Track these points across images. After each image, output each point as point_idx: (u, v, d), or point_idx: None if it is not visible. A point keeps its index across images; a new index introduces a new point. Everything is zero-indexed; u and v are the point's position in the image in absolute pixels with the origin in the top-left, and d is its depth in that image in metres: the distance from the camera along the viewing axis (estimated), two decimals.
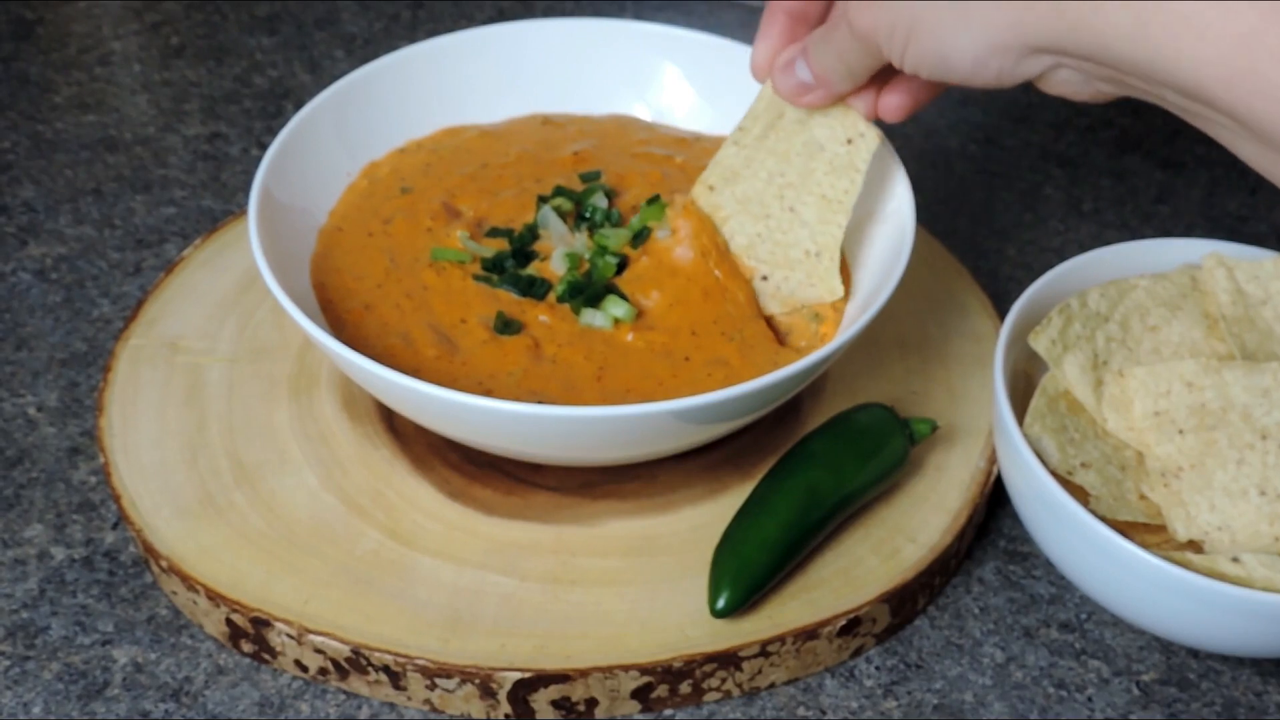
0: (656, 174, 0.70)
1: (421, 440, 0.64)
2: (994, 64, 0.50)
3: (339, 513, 0.61)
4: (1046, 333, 0.60)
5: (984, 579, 0.63)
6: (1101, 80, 0.50)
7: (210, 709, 0.56)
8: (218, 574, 0.58)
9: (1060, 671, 0.59)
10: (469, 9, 0.99)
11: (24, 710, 0.56)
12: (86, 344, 0.72)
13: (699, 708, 0.57)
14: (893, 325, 0.70)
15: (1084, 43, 0.47)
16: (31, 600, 0.60)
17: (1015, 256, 0.80)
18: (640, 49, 0.75)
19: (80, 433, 0.67)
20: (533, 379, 0.60)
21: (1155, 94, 0.48)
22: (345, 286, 0.64)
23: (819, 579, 0.59)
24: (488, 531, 0.60)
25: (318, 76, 0.92)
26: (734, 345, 0.62)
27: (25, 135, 0.86)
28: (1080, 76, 0.50)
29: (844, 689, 0.58)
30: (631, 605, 0.58)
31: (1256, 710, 0.58)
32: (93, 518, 0.64)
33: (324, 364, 0.67)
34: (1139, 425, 0.59)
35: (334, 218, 0.68)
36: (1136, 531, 0.57)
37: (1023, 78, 0.51)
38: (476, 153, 0.72)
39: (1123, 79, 0.48)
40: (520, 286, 0.63)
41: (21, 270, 0.76)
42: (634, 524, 0.61)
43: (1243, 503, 0.57)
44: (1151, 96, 0.49)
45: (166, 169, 0.84)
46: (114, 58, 0.93)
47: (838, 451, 0.60)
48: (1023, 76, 0.51)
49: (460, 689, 0.56)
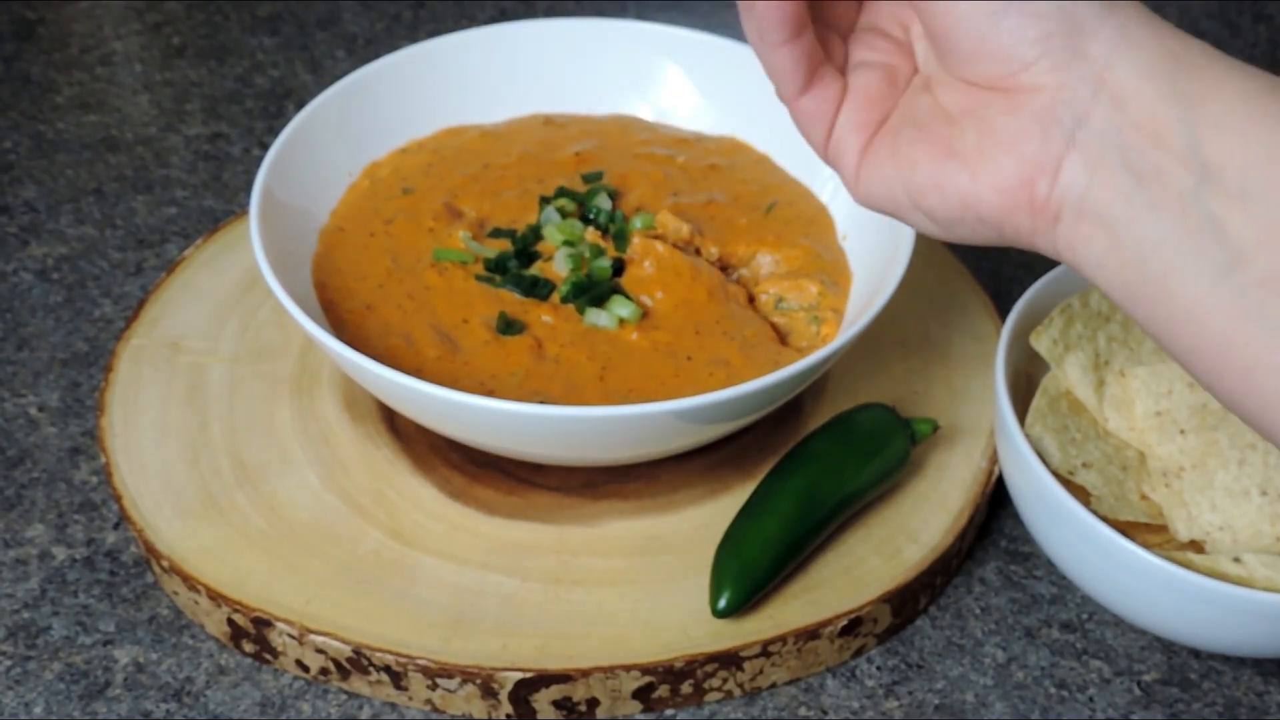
0: (659, 174, 0.70)
1: (423, 440, 0.64)
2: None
3: (340, 513, 0.61)
4: (1048, 333, 0.60)
5: (985, 579, 0.63)
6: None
7: (212, 709, 0.57)
8: (219, 574, 0.58)
9: (1061, 671, 0.59)
10: (470, 9, 0.99)
11: (25, 710, 0.56)
12: (88, 344, 0.72)
13: (700, 708, 0.57)
14: (894, 325, 0.70)
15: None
16: (33, 600, 0.60)
17: (1017, 256, 0.80)
18: (642, 49, 0.75)
19: (81, 433, 0.67)
20: (535, 379, 0.60)
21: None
22: (347, 287, 0.64)
23: (820, 579, 0.59)
24: (489, 531, 0.60)
25: (319, 76, 0.92)
26: (735, 345, 0.62)
27: (27, 135, 0.86)
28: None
29: (845, 689, 0.58)
30: (633, 605, 0.58)
31: (1258, 710, 0.58)
32: (94, 518, 0.64)
33: (326, 364, 0.67)
34: (1140, 425, 0.59)
35: (335, 218, 0.68)
36: (1138, 531, 0.57)
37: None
38: (478, 153, 0.72)
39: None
40: (523, 287, 0.64)
41: (23, 270, 0.76)
42: (635, 524, 0.61)
43: (1244, 503, 0.57)
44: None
45: (168, 169, 0.84)
46: (115, 58, 0.93)
47: (839, 451, 0.60)
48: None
49: (462, 689, 0.56)
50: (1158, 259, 0.41)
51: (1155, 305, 0.42)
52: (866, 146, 0.47)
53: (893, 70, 0.48)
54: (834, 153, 0.48)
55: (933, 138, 0.45)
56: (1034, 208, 0.43)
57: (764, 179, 0.72)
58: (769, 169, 0.72)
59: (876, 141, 0.47)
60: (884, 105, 0.47)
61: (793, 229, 0.68)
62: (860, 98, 0.47)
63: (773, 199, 0.70)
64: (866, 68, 0.48)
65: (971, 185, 0.44)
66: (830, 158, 0.48)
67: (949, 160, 0.44)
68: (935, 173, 0.45)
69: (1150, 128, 0.41)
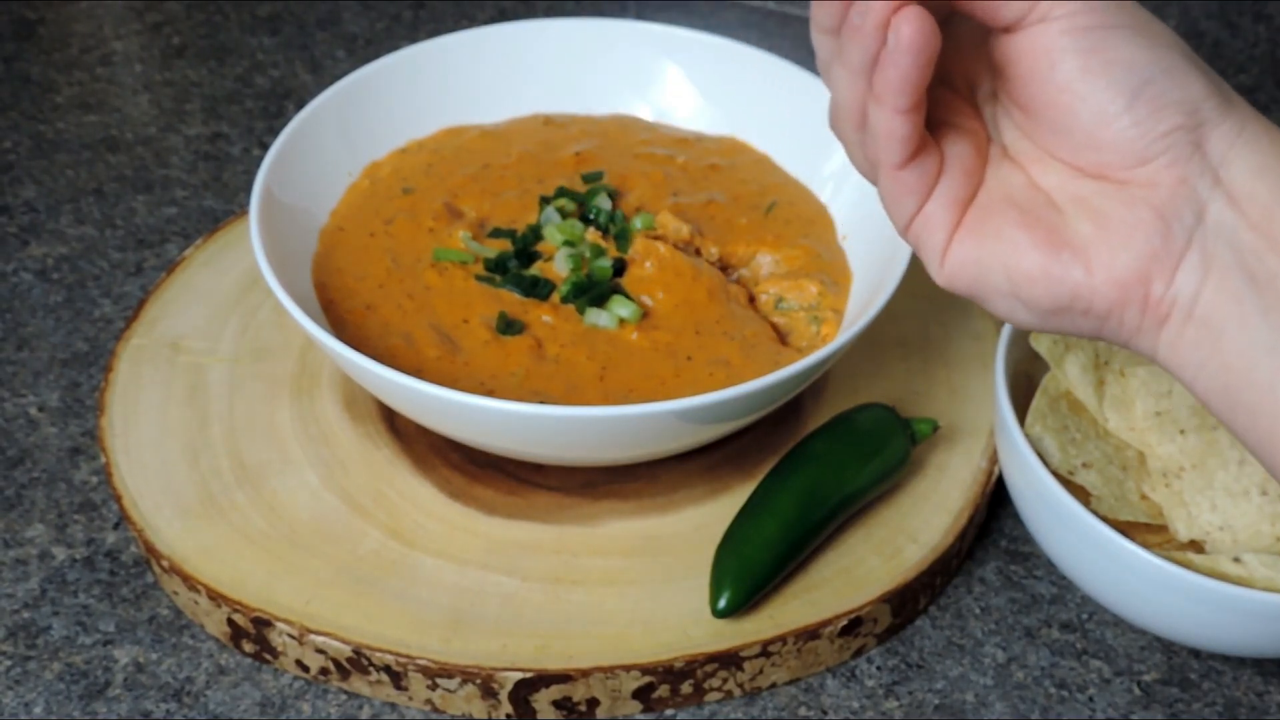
0: (659, 174, 0.70)
1: (423, 440, 0.64)
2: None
3: (340, 513, 0.61)
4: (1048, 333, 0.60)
5: (985, 579, 0.63)
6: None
7: (212, 709, 0.57)
8: (219, 574, 0.58)
9: (1061, 671, 0.59)
10: (470, 9, 0.99)
11: (25, 710, 0.56)
12: (88, 344, 0.72)
13: (700, 708, 0.57)
14: (894, 325, 0.70)
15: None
16: (33, 600, 0.60)
17: None
18: (642, 49, 0.75)
19: (81, 433, 0.67)
20: (535, 379, 0.60)
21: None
22: (347, 287, 0.64)
23: (820, 579, 0.59)
24: (489, 531, 0.61)
25: (319, 76, 0.92)
26: (736, 345, 0.62)
27: (27, 135, 0.86)
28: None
29: (845, 689, 0.58)
30: (633, 605, 0.58)
31: (1258, 710, 0.58)
32: (94, 518, 0.64)
33: (326, 364, 0.67)
34: (1140, 425, 0.59)
35: (335, 218, 0.68)
36: (1138, 531, 0.57)
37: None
38: (478, 153, 0.72)
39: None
40: (523, 287, 0.64)
41: (23, 270, 0.76)
42: (635, 524, 0.61)
43: (1244, 502, 0.57)
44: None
45: (168, 169, 0.84)
46: (115, 58, 0.93)
47: (839, 451, 0.60)
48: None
49: (462, 689, 0.56)
50: (1267, 367, 0.39)
51: (1257, 416, 0.40)
52: (957, 224, 0.43)
53: (977, 137, 0.44)
54: (921, 229, 0.44)
55: (1039, 223, 0.42)
56: (1146, 306, 0.41)
57: (764, 179, 0.72)
58: (769, 169, 0.72)
59: (968, 219, 0.43)
60: (975, 178, 0.43)
61: (793, 229, 0.68)
62: (957, 170, 0.43)
63: (773, 199, 0.70)
64: (954, 133, 0.43)
65: (1086, 279, 0.41)
66: (914, 234, 0.44)
67: (1060, 250, 0.41)
68: (1045, 262, 0.41)
69: (1267, 229, 0.39)
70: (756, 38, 0.94)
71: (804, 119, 0.71)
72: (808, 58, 0.99)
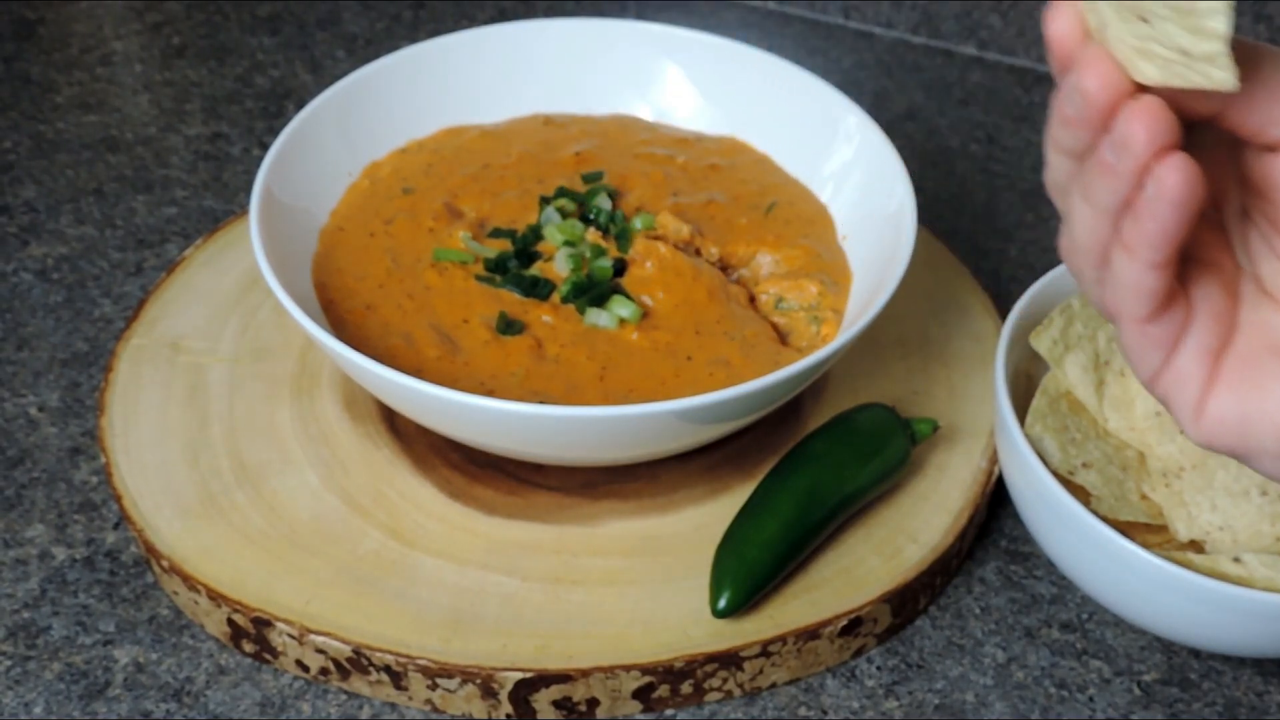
0: (659, 174, 0.70)
1: (423, 440, 0.64)
2: None
3: (340, 513, 0.61)
4: (1048, 333, 0.60)
5: (985, 579, 0.63)
6: None
7: (212, 709, 0.57)
8: (219, 574, 0.58)
9: (1061, 671, 0.59)
10: (470, 9, 0.99)
11: (25, 710, 0.56)
12: (88, 344, 0.72)
13: (700, 708, 0.57)
14: (894, 325, 0.70)
15: None
16: (33, 600, 0.60)
17: (1017, 256, 0.80)
18: (642, 49, 0.75)
19: (81, 433, 0.67)
20: (535, 379, 0.60)
21: None
22: (347, 287, 0.64)
23: (820, 579, 0.59)
24: (489, 531, 0.61)
25: (319, 76, 0.92)
26: (736, 345, 0.62)
27: (27, 135, 0.86)
28: None
29: (845, 689, 0.58)
30: (633, 605, 0.58)
31: (1258, 710, 0.58)
32: (94, 518, 0.64)
33: (325, 364, 0.67)
34: (1140, 425, 0.59)
35: (335, 218, 0.68)
36: (1138, 531, 0.57)
37: None
38: (478, 153, 0.72)
39: None
40: (524, 287, 0.64)
41: (23, 270, 0.76)
42: (635, 524, 0.61)
43: (1244, 502, 0.57)
44: None
45: (168, 169, 0.84)
46: (115, 58, 0.93)
47: (839, 451, 0.60)
48: None
49: (462, 689, 0.56)
50: None
51: None
52: (1212, 377, 0.38)
53: (1224, 273, 0.39)
54: (1170, 384, 0.39)
55: None
56: None
57: (764, 179, 0.72)
58: (769, 169, 0.72)
59: (1226, 371, 0.38)
60: (1227, 322, 0.38)
61: (793, 229, 0.68)
62: (1206, 314, 0.38)
63: (773, 199, 0.70)
64: (1200, 269, 0.38)
65: None
66: (1162, 389, 0.39)
67: None
68: None
69: None
70: (756, 38, 0.94)
71: (804, 119, 0.72)
72: (808, 58, 1.00)
